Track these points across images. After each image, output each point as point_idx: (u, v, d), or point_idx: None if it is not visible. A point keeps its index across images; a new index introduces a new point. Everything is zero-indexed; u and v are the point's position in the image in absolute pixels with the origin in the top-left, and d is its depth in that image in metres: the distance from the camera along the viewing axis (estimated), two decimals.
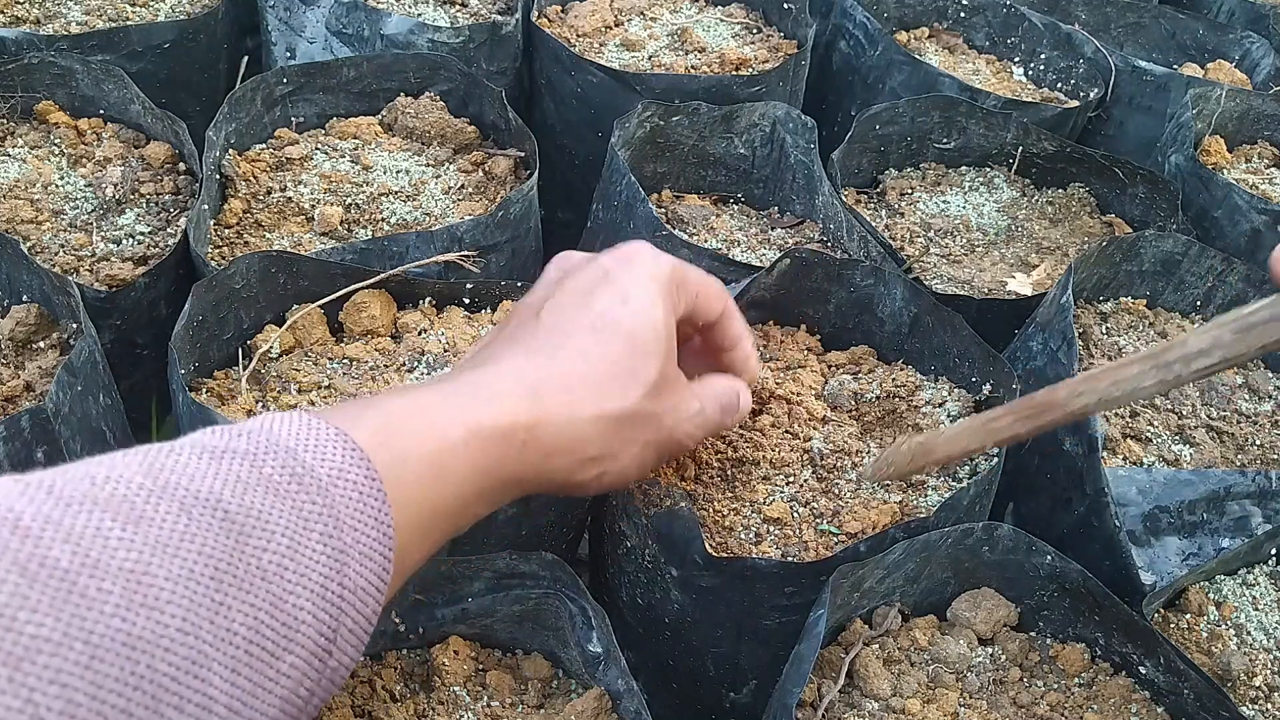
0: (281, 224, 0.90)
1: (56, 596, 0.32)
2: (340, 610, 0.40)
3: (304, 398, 0.74)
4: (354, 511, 0.41)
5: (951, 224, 1.04)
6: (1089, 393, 0.57)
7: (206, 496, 0.37)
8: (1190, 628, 0.72)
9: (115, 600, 0.33)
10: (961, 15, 1.35)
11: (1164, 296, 0.95)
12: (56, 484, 0.36)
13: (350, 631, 0.40)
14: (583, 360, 0.50)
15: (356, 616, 0.41)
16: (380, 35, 1.07)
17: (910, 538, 0.64)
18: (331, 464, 0.41)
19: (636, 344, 0.51)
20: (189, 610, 0.35)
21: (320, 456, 0.41)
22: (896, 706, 0.63)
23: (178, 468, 0.38)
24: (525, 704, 0.64)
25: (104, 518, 0.35)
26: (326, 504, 0.40)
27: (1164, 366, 0.53)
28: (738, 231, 1.00)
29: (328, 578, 0.39)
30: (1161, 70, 1.22)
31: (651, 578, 0.70)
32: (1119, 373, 0.55)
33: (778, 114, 1.03)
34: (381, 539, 0.41)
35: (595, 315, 0.51)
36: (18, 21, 1.04)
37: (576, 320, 0.51)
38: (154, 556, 0.35)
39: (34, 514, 0.34)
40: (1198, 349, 0.52)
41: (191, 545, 0.36)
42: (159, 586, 0.34)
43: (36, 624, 0.31)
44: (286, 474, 0.40)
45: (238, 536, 0.37)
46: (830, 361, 0.83)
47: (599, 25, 1.19)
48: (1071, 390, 0.58)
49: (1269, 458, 0.83)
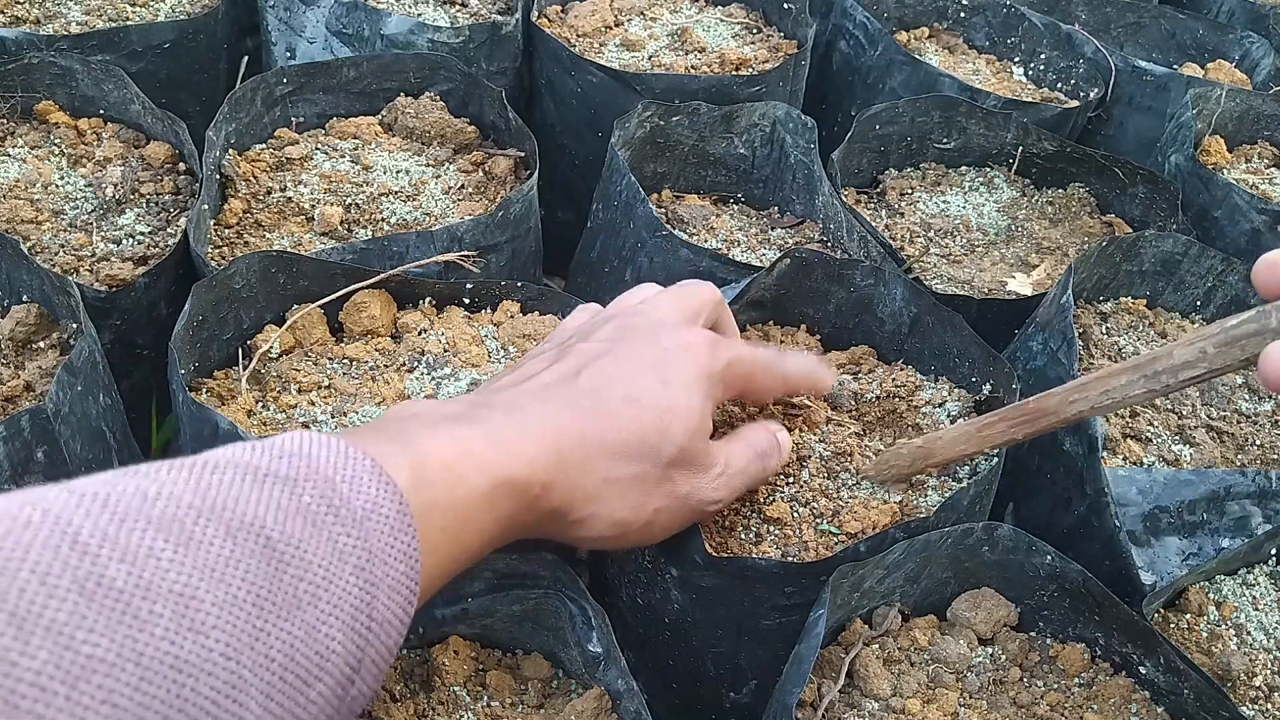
0: (281, 224, 0.90)
1: (112, 617, 0.33)
2: (366, 641, 0.41)
3: (304, 398, 0.74)
4: (385, 545, 0.42)
5: (951, 224, 1.04)
6: (1081, 400, 0.58)
7: (250, 522, 0.38)
8: (1190, 628, 0.72)
9: (165, 623, 0.34)
10: (961, 15, 1.35)
11: (1164, 296, 0.95)
12: (110, 498, 0.36)
13: (373, 662, 0.41)
14: (610, 427, 0.51)
15: (380, 648, 0.42)
16: (380, 35, 1.07)
17: (910, 538, 0.64)
18: (367, 497, 0.42)
19: (665, 424, 0.52)
20: (231, 635, 0.35)
21: (357, 489, 0.42)
22: (896, 706, 0.63)
23: (224, 488, 0.39)
24: (525, 704, 0.64)
25: (156, 537, 0.35)
26: (360, 537, 0.41)
27: (1151, 377, 0.55)
28: (738, 231, 1.00)
29: (358, 609, 0.40)
30: (1161, 70, 1.22)
31: (651, 578, 0.70)
32: (1109, 382, 0.57)
33: (778, 114, 1.03)
34: (409, 573, 0.42)
35: (634, 389, 0.53)
36: (18, 21, 1.04)
37: (615, 389, 0.53)
38: (201, 580, 0.35)
39: (91, 529, 0.34)
40: (1183, 360, 0.53)
41: (236, 571, 0.37)
42: (205, 610, 0.35)
43: (93, 644, 0.32)
44: (324, 504, 0.41)
45: (277, 564, 0.38)
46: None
47: (599, 25, 1.19)
48: (1063, 398, 0.59)
49: (1269, 458, 0.83)
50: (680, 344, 0.55)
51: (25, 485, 0.67)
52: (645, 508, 0.53)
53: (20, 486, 0.67)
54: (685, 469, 0.54)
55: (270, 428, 0.72)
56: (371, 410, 0.74)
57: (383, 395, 0.75)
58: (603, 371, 0.54)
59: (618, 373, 0.54)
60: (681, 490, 0.54)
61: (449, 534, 0.45)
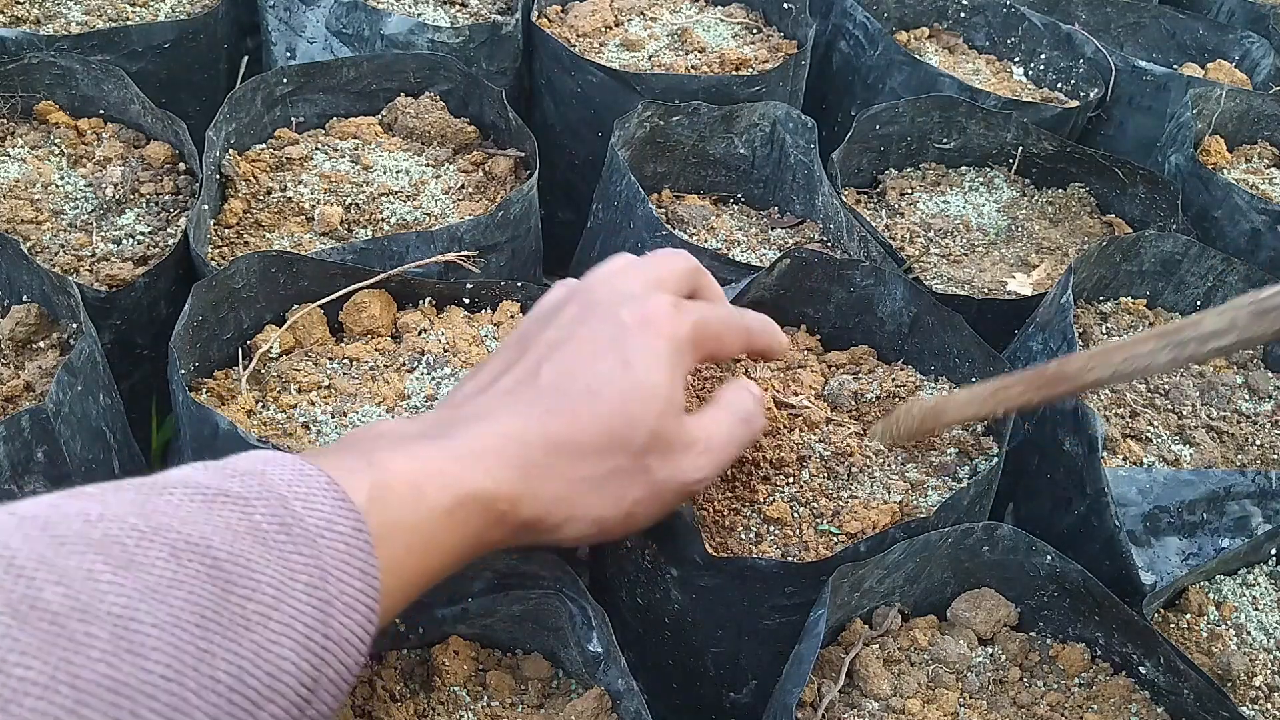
0: (281, 224, 0.90)
1: (45, 639, 0.32)
2: (323, 660, 0.40)
3: (304, 398, 0.74)
4: (340, 563, 0.41)
5: (951, 224, 1.04)
6: (1102, 366, 0.56)
7: (197, 542, 0.37)
8: (1190, 628, 0.72)
9: (102, 645, 0.33)
10: (961, 15, 1.35)
11: (1164, 296, 0.95)
12: (51, 520, 0.36)
13: (331, 681, 0.41)
14: (573, 425, 0.49)
15: (339, 666, 0.41)
16: (380, 35, 1.07)
17: (910, 538, 0.64)
18: (321, 514, 0.41)
19: (630, 412, 0.49)
20: (173, 657, 0.35)
21: (311, 507, 0.41)
22: (896, 706, 0.63)
23: (169, 509, 0.38)
24: (525, 704, 0.64)
25: (96, 560, 0.35)
26: (313, 554, 0.40)
27: (1178, 344, 0.53)
28: (738, 231, 1.00)
29: (312, 628, 0.39)
30: (1161, 70, 1.22)
31: (651, 578, 0.70)
32: (1133, 349, 0.55)
33: (778, 114, 1.03)
34: (367, 590, 0.42)
35: (595, 378, 0.50)
36: (18, 21, 1.04)
37: (576, 381, 0.50)
38: (142, 602, 0.35)
39: (29, 553, 0.34)
40: (1213, 329, 0.52)
41: (179, 592, 0.36)
42: (145, 632, 0.34)
43: (25, 666, 0.31)
44: (276, 523, 0.40)
45: (225, 584, 0.37)
46: (830, 361, 0.83)
47: (599, 25, 1.19)
48: (1084, 364, 0.57)
49: (1269, 458, 0.83)
50: (640, 317, 0.52)
51: (25, 485, 0.67)
52: (624, 501, 0.51)
53: (20, 486, 0.67)
54: (661, 453, 0.51)
55: (270, 428, 0.72)
56: (372, 410, 0.74)
57: (383, 395, 0.75)
58: (563, 363, 0.51)
59: (577, 361, 0.51)
60: (661, 476, 0.51)
61: (412, 552, 0.45)
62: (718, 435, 0.55)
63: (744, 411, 0.58)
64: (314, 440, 0.72)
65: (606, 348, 0.51)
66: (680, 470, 0.52)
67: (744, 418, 0.57)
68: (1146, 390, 0.86)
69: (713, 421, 0.55)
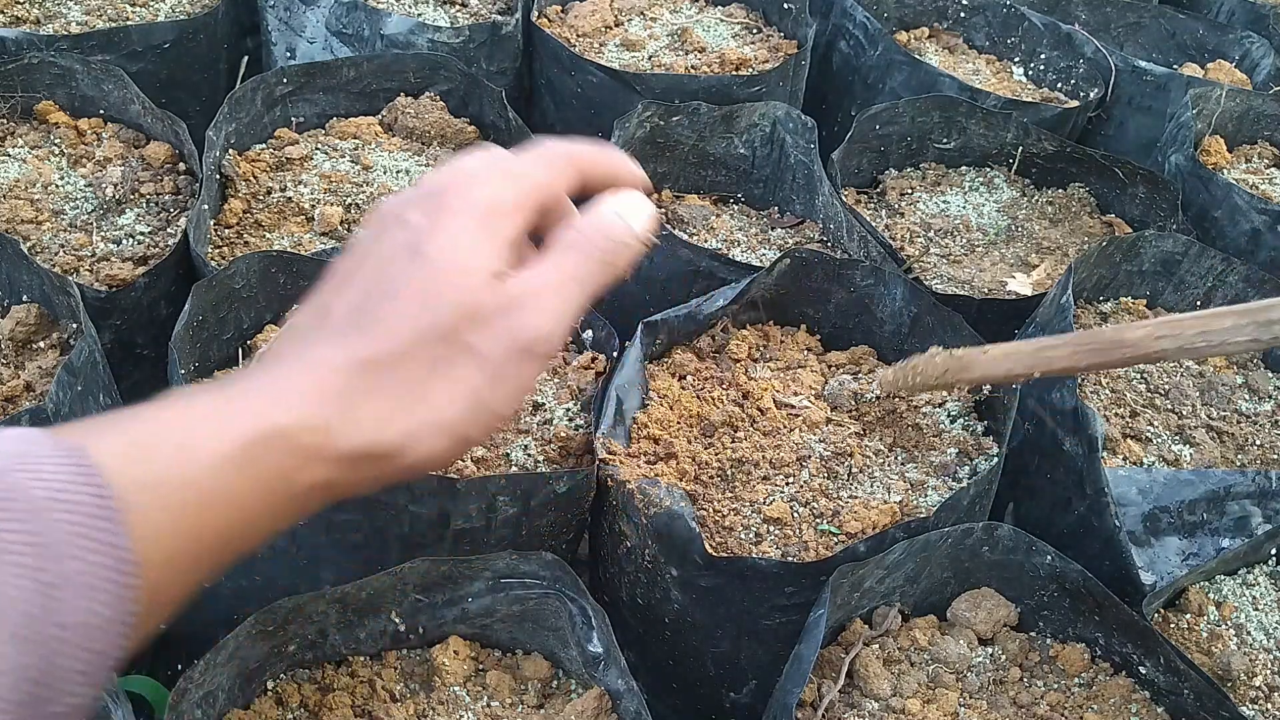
0: (281, 224, 0.90)
1: None
2: (54, 650, 0.35)
3: None
4: (71, 537, 0.35)
5: (951, 224, 1.04)
6: (1171, 338, 0.52)
7: None
8: (1190, 628, 0.72)
9: None
10: (961, 15, 1.35)
11: (1164, 296, 0.95)
12: None
13: (75, 672, 0.36)
14: (377, 336, 0.43)
15: (79, 654, 0.36)
16: (380, 35, 1.07)
17: (910, 538, 0.64)
18: (48, 485, 0.35)
19: (429, 294, 0.43)
20: None
21: (38, 478, 0.35)
22: (896, 706, 0.63)
23: None
24: (525, 704, 0.64)
25: None
26: (33, 530, 0.35)
27: (1264, 325, 0.50)
28: (738, 231, 1.00)
29: (31, 615, 0.34)
30: (1161, 70, 1.22)
31: (651, 578, 0.70)
32: (1210, 323, 0.51)
33: (778, 114, 1.03)
34: (112, 565, 0.36)
35: (390, 282, 0.43)
36: (18, 21, 1.04)
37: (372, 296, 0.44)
38: None
39: None
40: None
41: None
42: None
43: None
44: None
45: None
46: (830, 361, 0.83)
47: (599, 25, 1.19)
48: (1150, 332, 0.53)
49: (1269, 458, 0.83)
50: (428, 209, 0.44)
51: None
52: (461, 394, 0.43)
53: None
54: (479, 324, 0.43)
55: None
56: None
57: None
58: (359, 285, 0.45)
59: (373, 277, 0.45)
60: (489, 348, 0.43)
61: (188, 510, 0.39)
62: (547, 281, 0.45)
63: (581, 242, 0.46)
64: None
65: (399, 251, 0.44)
66: (510, 334, 0.44)
67: (586, 251, 0.46)
68: (1146, 390, 0.86)
69: (538, 270, 0.45)
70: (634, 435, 0.74)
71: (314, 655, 0.64)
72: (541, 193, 0.47)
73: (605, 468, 0.70)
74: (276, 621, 0.60)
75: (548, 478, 0.68)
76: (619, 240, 0.46)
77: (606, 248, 0.46)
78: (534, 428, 0.75)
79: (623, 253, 0.46)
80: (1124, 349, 0.54)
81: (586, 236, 0.46)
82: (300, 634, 0.62)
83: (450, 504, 0.66)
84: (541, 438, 0.75)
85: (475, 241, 0.44)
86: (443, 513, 0.67)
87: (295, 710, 0.62)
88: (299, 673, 0.64)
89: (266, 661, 0.62)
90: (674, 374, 0.80)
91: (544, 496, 0.69)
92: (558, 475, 0.68)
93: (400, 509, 0.66)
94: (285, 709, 0.62)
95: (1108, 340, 0.55)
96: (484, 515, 0.67)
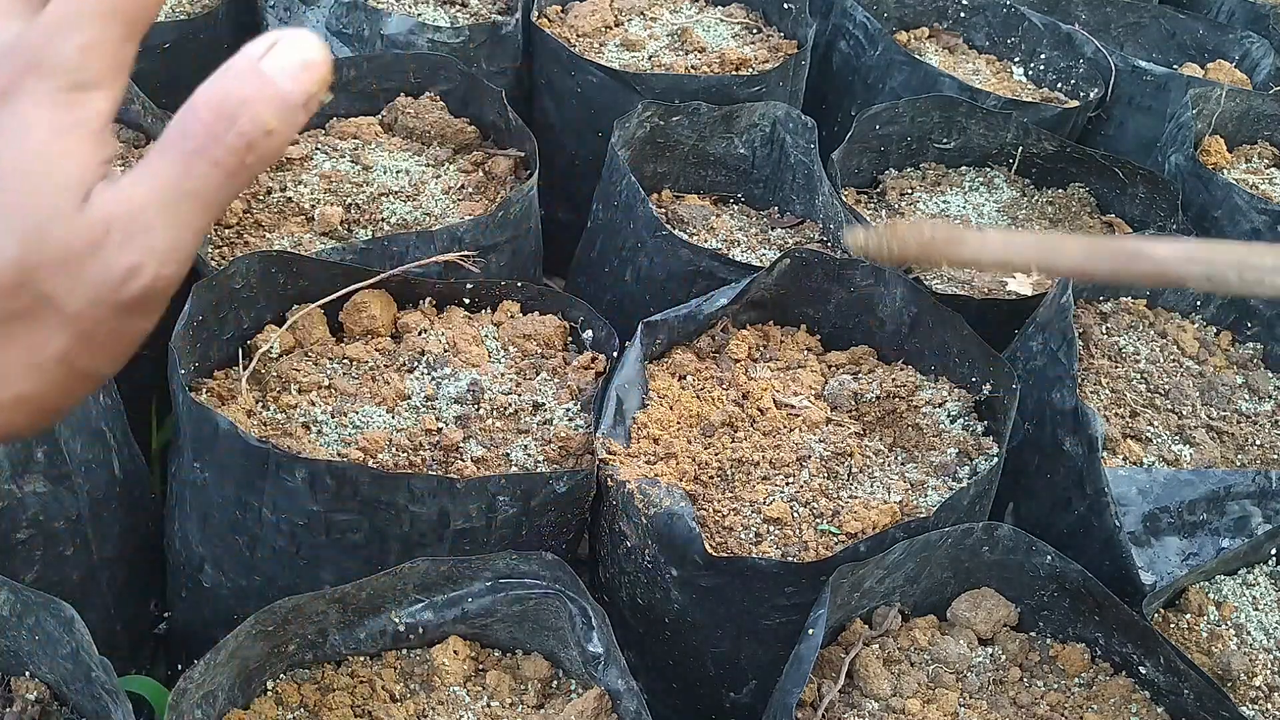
0: (281, 224, 0.90)
1: None
2: None
3: (304, 398, 0.74)
4: None
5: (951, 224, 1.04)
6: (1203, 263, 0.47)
7: None
8: (1190, 628, 0.72)
9: None
10: (961, 15, 1.34)
11: (1164, 296, 0.95)
12: None
13: None
14: None
15: None
16: (380, 35, 1.07)
17: (910, 538, 0.64)
18: None
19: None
20: None
21: None
22: (896, 706, 0.63)
23: None
24: (525, 704, 0.64)
25: None
26: None
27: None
28: (738, 231, 1.00)
29: None
30: (1161, 70, 1.22)
31: (651, 578, 0.70)
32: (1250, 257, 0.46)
33: (778, 114, 1.03)
34: None
35: None
36: None
37: None
38: None
39: None
40: None
41: None
42: None
43: None
44: None
45: None
46: (830, 361, 0.83)
47: (599, 25, 1.19)
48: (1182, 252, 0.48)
49: (1269, 458, 0.83)
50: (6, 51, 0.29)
51: (26, 485, 0.67)
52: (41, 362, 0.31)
53: (21, 486, 0.67)
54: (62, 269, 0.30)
55: (270, 427, 0.72)
56: (371, 410, 0.74)
57: (383, 395, 0.75)
58: None
59: None
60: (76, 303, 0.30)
61: None
62: (149, 197, 0.30)
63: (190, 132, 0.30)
64: (314, 440, 0.72)
65: None
66: (103, 279, 0.30)
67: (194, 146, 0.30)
68: (1147, 390, 0.86)
69: (137, 180, 0.30)
70: (634, 435, 0.74)
71: (314, 655, 0.64)
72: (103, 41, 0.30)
73: (605, 468, 0.70)
74: (276, 621, 0.60)
75: (548, 478, 0.68)
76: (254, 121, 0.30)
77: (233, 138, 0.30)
78: (534, 428, 0.75)
79: (260, 141, 0.30)
80: (1146, 263, 0.48)
81: (204, 122, 0.30)
82: (300, 634, 0.62)
83: (450, 504, 0.66)
84: (541, 438, 0.75)
85: (55, 136, 0.30)
86: (443, 513, 0.67)
87: (295, 710, 0.62)
88: (299, 673, 0.64)
89: (266, 661, 0.62)
90: (674, 374, 0.80)
91: (544, 496, 0.69)
92: (558, 475, 0.68)
93: (400, 509, 0.66)
94: (285, 709, 0.62)
95: (1129, 251, 0.49)
96: (484, 515, 0.68)
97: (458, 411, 0.75)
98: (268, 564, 0.69)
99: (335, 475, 0.65)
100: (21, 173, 0.29)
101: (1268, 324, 0.93)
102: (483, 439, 0.74)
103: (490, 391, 0.77)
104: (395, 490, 0.65)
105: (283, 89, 0.29)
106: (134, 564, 0.78)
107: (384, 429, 0.73)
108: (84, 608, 0.59)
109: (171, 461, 0.74)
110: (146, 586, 0.80)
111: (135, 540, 0.78)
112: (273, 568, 0.70)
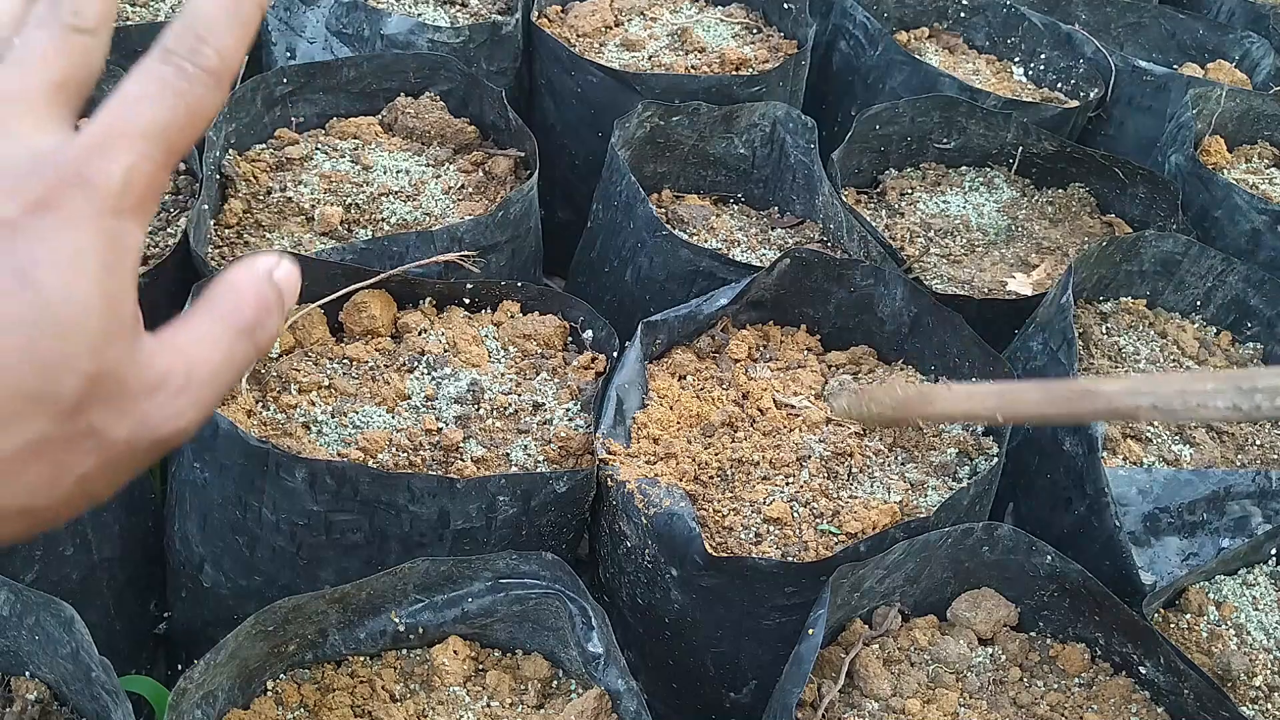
0: (281, 224, 0.90)
1: None
2: None
3: (304, 398, 0.74)
4: None
5: (951, 224, 1.04)
6: (1148, 395, 0.50)
7: None
8: (1190, 628, 0.72)
9: None
10: (961, 15, 1.35)
11: (1164, 296, 0.95)
12: None
13: None
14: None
15: None
16: (380, 35, 1.07)
17: (910, 538, 0.64)
18: None
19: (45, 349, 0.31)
20: None
21: None
22: (896, 706, 0.63)
23: None
24: (525, 704, 0.64)
25: None
26: None
27: (1245, 393, 0.48)
28: (738, 231, 1.00)
29: None
30: (1161, 70, 1.22)
31: (651, 578, 0.70)
32: (1190, 384, 0.49)
33: (778, 114, 1.03)
34: None
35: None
36: None
37: None
38: None
39: None
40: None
41: None
42: None
43: None
44: None
45: None
46: (830, 361, 0.83)
47: (599, 25, 1.19)
48: (1127, 387, 0.51)
49: (1269, 458, 0.83)
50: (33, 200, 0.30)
51: None
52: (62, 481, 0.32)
53: None
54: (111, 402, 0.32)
55: (270, 428, 0.72)
56: (371, 410, 0.74)
57: (383, 395, 0.75)
58: None
59: None
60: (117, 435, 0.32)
61: None
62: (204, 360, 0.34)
63: (245, 319, 0.35)
64: (314, 440, 0.72)
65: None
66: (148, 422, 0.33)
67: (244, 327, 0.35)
68: None
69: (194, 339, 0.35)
70: (634, 435, 0.74)
71: (314, 655, 0.64)
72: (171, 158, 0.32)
73: (605, 468, 0.70)
74: (276, 621, 0.60)
75: (548, 478, 0.68)
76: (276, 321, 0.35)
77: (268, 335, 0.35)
78: (534, 428, 0.75)
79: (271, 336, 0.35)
80: (1097, 402, 0.52)
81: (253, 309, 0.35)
82: (300, 634, 0.62)
83: (450, 504, 0.66)
84: (541, 438, 0.75)
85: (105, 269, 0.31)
86: (443, 513, 0.67)
87: (295, 710, 0.62)
88: (299, 673, 0.64)
89: (266, 661, 0.62)
90: (674, 374, 0.80)
91: (544, 496, 0.69)
92: (558, 475, 0.68)
93: (400, 509, 0.66)
94: (285, 709, 0.62)
95: (1080, 391, 0.53)
96: (484, 515, 0.68)
97: (458, 411, 0.75)
98: (268, 564, 0.69)
99: (335, 475, 0.65)
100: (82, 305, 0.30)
101: (1268, 324, 0.93)
102: (483, 439, 0.74)
103: (490, 391, 0.77)
104: (395, 490, 0.65)
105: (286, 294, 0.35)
106: (134, 564, 0.78)
107: (384, 429, 0.73)
108: (84, 608, 0.59)
109: (171, 461, 0.74)
110: (146, 586, 0.80)
111: (135, 540, 0.78)
112: (273, 568, 0.70)
